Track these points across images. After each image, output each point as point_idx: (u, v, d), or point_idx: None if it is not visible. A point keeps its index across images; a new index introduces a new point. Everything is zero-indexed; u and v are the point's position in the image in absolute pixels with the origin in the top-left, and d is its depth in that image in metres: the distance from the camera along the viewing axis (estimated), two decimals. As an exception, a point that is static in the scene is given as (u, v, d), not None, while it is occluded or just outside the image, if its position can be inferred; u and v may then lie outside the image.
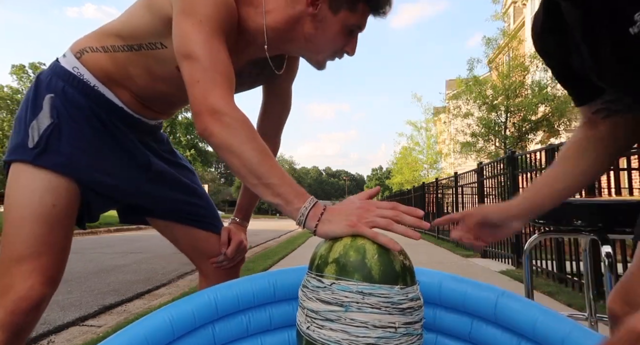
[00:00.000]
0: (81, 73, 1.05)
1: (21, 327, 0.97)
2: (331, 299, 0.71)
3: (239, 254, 1.27)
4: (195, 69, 0.86)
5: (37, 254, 0.98)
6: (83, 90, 1.05)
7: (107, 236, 10.73)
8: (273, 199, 0.82)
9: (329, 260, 0.74)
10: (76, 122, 1.04)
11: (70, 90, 1.04)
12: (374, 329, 0.69)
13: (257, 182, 0.82)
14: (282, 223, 22.77)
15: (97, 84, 1.06)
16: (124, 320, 2.65)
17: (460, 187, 7.81)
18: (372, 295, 0.70)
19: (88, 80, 1.06)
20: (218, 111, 0.83)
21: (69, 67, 1.06)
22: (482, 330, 0.87)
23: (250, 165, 0.82)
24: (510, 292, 0.85)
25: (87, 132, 1.05)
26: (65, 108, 1.03)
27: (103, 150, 1.08)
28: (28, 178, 1.00)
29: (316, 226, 0.79)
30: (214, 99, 0.84)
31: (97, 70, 1.06)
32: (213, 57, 0.87)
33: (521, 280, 3.28)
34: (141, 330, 0.82)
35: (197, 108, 0.85)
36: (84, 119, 1.05)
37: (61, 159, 1.01)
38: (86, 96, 1.05)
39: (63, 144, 1.02)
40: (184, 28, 0.88)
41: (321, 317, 0.71)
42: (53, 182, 1.00)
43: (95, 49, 1.06)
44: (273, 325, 0.96)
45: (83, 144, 1.04)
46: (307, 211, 0.79)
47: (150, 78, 1.07)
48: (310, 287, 0.75)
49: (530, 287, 1.55)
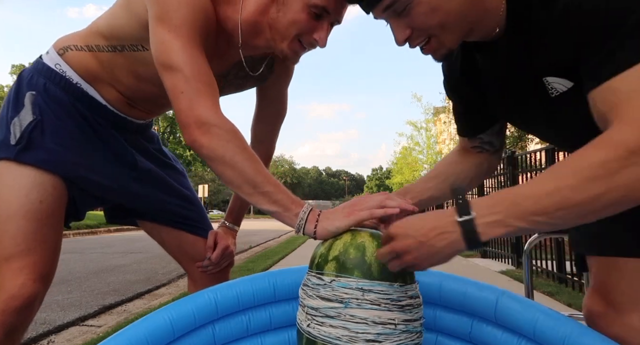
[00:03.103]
0: (63, 70, 1.04)
1: (13, 326, 0.95)
2: (331, 296, 0.71)
3: (224, 259, 1.24)
4: (177, 80, 0.84)
5: (26, 251, 0.97)
6: (65, 87, 1.04)
7: (107, 236, 10.73)
8: (270, 206, 0.82)
9: (329, 258, 0.75)
10: (59, 119, 1.03)
11: (52, 87, 1.03)
12: (373, 325, 0.70)
13: (253, 191, 0.82)
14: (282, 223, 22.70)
15: (79, 81, 1.05)
16: (124, 320, 2.65)
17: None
18: (372, 291, 0.70)
19: (70, 77, 1.04)
20: (206, 123, 0.82)
21: (52, 64, 1.05)
22: (483, 330, 0.87)
23: (245, 176, 0.81)
24: (511, 292, 0.85)
25: (70, 129, 1.04)
26: (47, 105, 1.02)
27: (87, 147, 1.07)
28: (13, 175, 0.99)
29: (315, 227, 0.79)
30: (201, 110, 0.83)
31: (81, 68, 1.04)
32: (194, 66, 0.85)
33: (521, 280, 3.28)
34: (141, 330, 0.82)
35: (184, 120, 0.83)
36: (66, 116, 1.03)
37: (45, 155, 1.00)
38: (68, 93, 1.04)
39: (46, 140, 1.00)
40: (160, 36, 0.86)
41: (321, 314, 0.72)
42: (38, 178, 0.99)
43: (80, 47, 1.04)
44: (273, 325, 0.96)
45: (66, 140, 1.03)
46: (305, 215, 0.80)
47: (135, 79, 1.05)
48: (310, 285, 0.75)
49: (530, 287, 1.55)
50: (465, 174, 1.07)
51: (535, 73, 0.79)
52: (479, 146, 1.05)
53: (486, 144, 1.05)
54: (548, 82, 0.78)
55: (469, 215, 0.63)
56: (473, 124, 1.04)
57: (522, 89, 0.84)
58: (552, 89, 0.78)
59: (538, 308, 0.80)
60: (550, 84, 0.78)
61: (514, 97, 0.88)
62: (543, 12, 0.72)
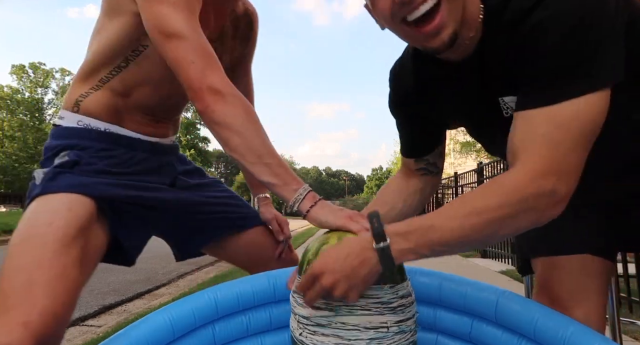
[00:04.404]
0: (87, 123, 1.01)
1: None
2: (321, 304, 0.71)
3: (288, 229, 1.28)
4: (184, 49, 0.85)
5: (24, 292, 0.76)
6: (96, 137, 1.01)
7: (107, 236, 10.71)
8: (270, 178, 0.82)
9: None
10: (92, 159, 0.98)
11: (82, 142, 0.99)
12: (365, 330, 0.69)
13: (257, 161, 0.83)
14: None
15: (106, 126, 1.02)
16: (124, 320, 2.65)
17: (460, 187, 7.80)
18: (362, 297, 0.70)
19: (97, 126, 1.01)
20: (219, 91, 0.84)
21: (73, 123, 1.01)
22: (483, 330, 0.87)
23: (250, 144, 0.83)
24: (511, 292, 0.85)
25: (105, 166, 1.00)
26: (80, 155, 0.97)
27: (124, 177, 1.02)
28: (29, 209, 0.89)
29: (311, 207, 0.79)
30: (214, 79, 0.85)
31: (99, 112, 1.01)
32: (200, 37, 0.87)
33: (521, 280, 3.27)
34: (141, 331, 0.82)
35: (196, 87, 0.84)
36: (104, 159, 1.00)
37: (71, 180, 0.92)
38: (101, 141, 1.01)
39: (75, 174, 0.93)
40: (158, 9, 0.86)
41: (312, 322, 0.71)
42: (62, 199, 0.88)
43: (87, 93, 1.01)
44: (273, 325, 0.96)
45: (103, 175, 0.97)
46: (305, 192, 0.81)
47: (151, 86, 1.03)
48: (299, 294, 0.74)
49: (530, 287, 1.54)
50: (410, 200, 1.06)
51: (494, 92, 0.80)
52: (425, 168, 1.05)
53: (431, 166, 1.05)
54: (504, 101, 0.80)
55: (385, 243, 0.67)
56: (421, 145, 1.03)
57: (480, 107, 0.85)
58: (507, 108, 0.80)
59: (538, 308, 0.80)
60: (506, 103, 0.80)
61: (472, 114, 0.90)
62: (510, 28, 0.72)
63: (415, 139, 1.04)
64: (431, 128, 1.00)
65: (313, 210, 0.79)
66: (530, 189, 0.65)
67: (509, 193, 0.66)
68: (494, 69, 0.78)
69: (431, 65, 0.87)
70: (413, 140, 1.05)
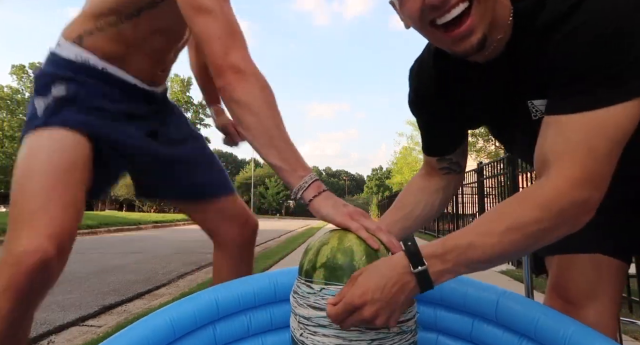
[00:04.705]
0: (85, 59, 1.04)
1: (26, 291, 0.88)
2: (322, 305, 0.71)
3: None
4: (212, 24, 0.87)
5: (42, 208, 0.92)
6: (93, 75, 1.05)
7: (107, 236, 10.72)
8: (277, 161, 0.82)
9: (317, 265, 0.73)
10: (89, 97, 1.04)
11: (80, 77, 1.04)
12: (366, 331, 0.69)
13: (267, 143, 0.83)
14: (282, 223, 22.78)
15: (105, 65, 1.06)
16: (124, 321, 2.65)
17: (460, 187, 7.81)
18: None
19: (95, 64, 1.05)
20: (242, 70, 0.85)
21: (72, 56, 1.04)
22: (483, 330, 0.87)
23: (264, 126, 0.83)
24: (511, 292, 0.85)
25: (101, 105, 1.05)
26: (77, 91, 1.03)
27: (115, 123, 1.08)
28: (41, 139, 0.99)
29: (314, 197, 0.79)
30: (237, 57, 0.86)
31: (101, 51, 1.05)
32: (230, 14, 0.89)
33: (521, 280, 3.28)
34: (142, 331, 0.81)
35: (219, 63, 0.86)
36: (96, 97, 1.05)
37: (73, 117, 1.00)
38: (97, 79, 1.05)
39: (74, 108, 1.01)
40: None
41: (313, 323, 0.71)
42: (62, 135, 0.98)
43: (92, 30, 1.04)
44: (274, 325, 0.96)
45: (96, 112, 1.04)
46: (311, 180, 0.80)
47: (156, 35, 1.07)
48: (300, 294, 0.74)
49: (530, 287, 1.54)
50: (432, 199, 1.05)
51: (521, 95, 0.79)
52: (447, 167, 1.04)
53: (454, 165, 1.04)
54: (534, 104, 0.78)
55: (423, 266, 0.66)
56: (443, 144, 1.02)
57: (505, 108, 0.84)
58: (536, 111, 0.79)
59: (539, 308, 0.80)
60: (535, 106, 0.78)
61: (495, 115, 0.89)
62: (547, 31, 0.71)
63: (436, 139, 1.03)
64: (453, 128, 0.99)
65: (316, 200, 0.79)
66: (569, 197, 0.65)
67: (548, 204, 0.65)
68: (523, 71, 0.77)
69: (454, 65, 0.86)
70: (435, 140, 1.03)
